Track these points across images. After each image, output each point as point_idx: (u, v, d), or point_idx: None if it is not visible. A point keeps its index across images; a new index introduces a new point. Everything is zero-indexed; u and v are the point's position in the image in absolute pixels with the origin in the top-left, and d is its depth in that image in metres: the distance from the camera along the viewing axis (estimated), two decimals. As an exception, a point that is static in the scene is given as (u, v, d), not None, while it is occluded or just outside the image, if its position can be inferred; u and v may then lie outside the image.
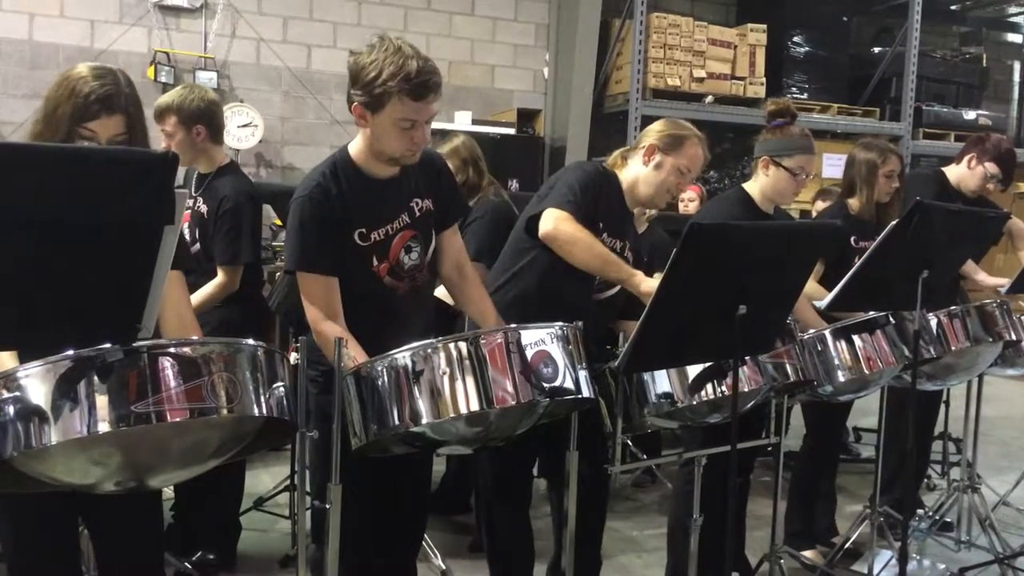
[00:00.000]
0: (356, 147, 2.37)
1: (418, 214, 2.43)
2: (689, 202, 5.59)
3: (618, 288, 2.83)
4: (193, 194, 3.32)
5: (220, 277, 3.23)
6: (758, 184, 3.14)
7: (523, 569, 2.89)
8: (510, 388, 2.00)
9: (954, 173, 4.02)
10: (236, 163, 3.42)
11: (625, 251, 2.81)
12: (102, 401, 1.55)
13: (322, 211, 2.29)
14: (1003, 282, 3.72)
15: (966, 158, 3.99)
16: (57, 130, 1.92)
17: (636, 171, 2.80)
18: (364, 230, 2.33)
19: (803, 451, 3.82)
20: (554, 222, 2.60)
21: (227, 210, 3.22)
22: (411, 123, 2.24)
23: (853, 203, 3.67)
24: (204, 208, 3.25)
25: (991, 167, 3.91)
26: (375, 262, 2.35)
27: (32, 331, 1.54)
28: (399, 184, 2.40)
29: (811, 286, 3.30)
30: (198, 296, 3.19)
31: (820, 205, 5.17)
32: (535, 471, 3.13)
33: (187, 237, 3.21)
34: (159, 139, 3.31)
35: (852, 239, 3.53)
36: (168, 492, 3.53)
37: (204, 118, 3.25)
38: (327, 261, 2.29)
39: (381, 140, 2.29)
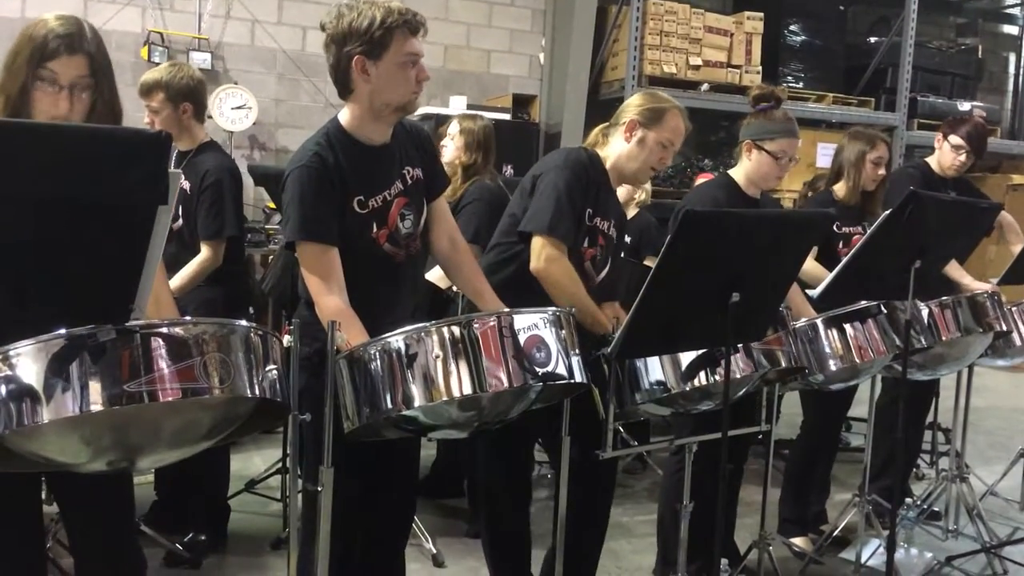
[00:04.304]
0: (347, 116, 2.36)
1: (410, 182, 2.43)
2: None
3: (607, 270, 2.83)
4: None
5: (204, 252, 3.23)
6: (743, 169, 3.16)
7: (522, 556, 2.89)
8: (503, 372, 2.00)
9: (934, 160, 4.19)
10: (215, 141, 3.43)
11: (610, 229, 2.81)
12: (94, 380, 1.54)
13: (321, 179, 2.26)
14: (987, 287, 3.74)
15: (936, 140, 4.20)
16: (17, 76, 1.88)
17: (619, 148, 2.76)
18: (362, 197, 2.32)
19: (800, 439, 3.84)
20: (544, 262, 2.60)
21: (209, 184, 3.23)
22: (415, 59, 2.26)
23: (839, 189, 3.71)
24: (187, 184, 3.24)
25: (954, 139, 4.07)
26: (375, 228, 2.34)
27: (25, 310, 1.54)
28: (392, 151, 2.40)
29: (811, 264, 3.33)
30: (183, 274, 3.19)
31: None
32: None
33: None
34: (138, 113, 3.32)
35: (836, 224, 3.56)
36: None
37: (191, 95, 3.26)
38: (327, 230, 2.26)
39: (386, 89, 2.27)
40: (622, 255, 3.15)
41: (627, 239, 3.77)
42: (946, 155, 4.10)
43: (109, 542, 2.08)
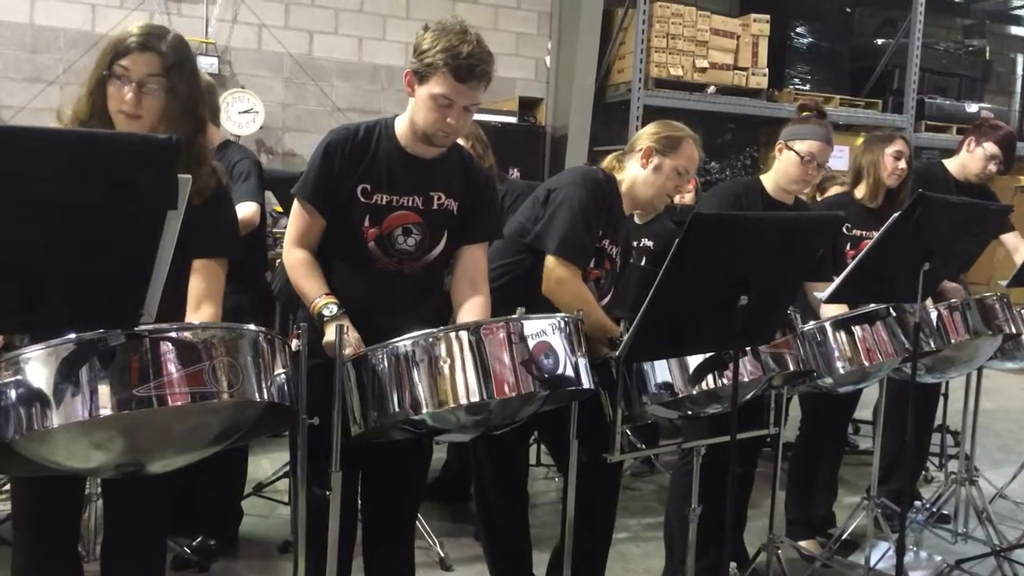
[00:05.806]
0: (401, 119, 2.42)
1: (434, 207, 2.41)
2: (685, 193, 5.58)
3: (610, 297, 2.83)
4: None
5: (244, 210, 3.23)
6: (772, 171, 3.19)
7: (521, 558, 2.90)
8: (511, 378, 2.00)
9: (956, 162, 4.03)
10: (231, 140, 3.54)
11: (617, 255, 2.83)
12: (104, 385, 1.55)
13: (338, 149, 2.34)
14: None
15: (965, 143, 4.00)
16: (97, 70, 1.96)
17: (634, 174, 2.77)
18: (369, 186, 2.34)
19: (799, 440, 3.83)
20: (556, 284, 2.60)
21: (238, 161, 3.39)
22: (448, 103, 2.27)
23: (859, 191, 3.68)
24: None
25: (990, 147, 3.91)
26: (367, 223, 2.35)
27: (35, 314, 1.54)
28: (428, 169, 2.41)
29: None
30: None
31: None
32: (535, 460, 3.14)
33: None
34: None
35: (845, 226, 3.52)
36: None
37: (207, 98, 3.29)
38: (320, 199, 2.35)
39: (418, 113, 2.33)
40: (631, 261, 3.15)
41: (651, 244, 3.77)
42: (976, 161, 3.93)
43: (140, 536, 2.10)
